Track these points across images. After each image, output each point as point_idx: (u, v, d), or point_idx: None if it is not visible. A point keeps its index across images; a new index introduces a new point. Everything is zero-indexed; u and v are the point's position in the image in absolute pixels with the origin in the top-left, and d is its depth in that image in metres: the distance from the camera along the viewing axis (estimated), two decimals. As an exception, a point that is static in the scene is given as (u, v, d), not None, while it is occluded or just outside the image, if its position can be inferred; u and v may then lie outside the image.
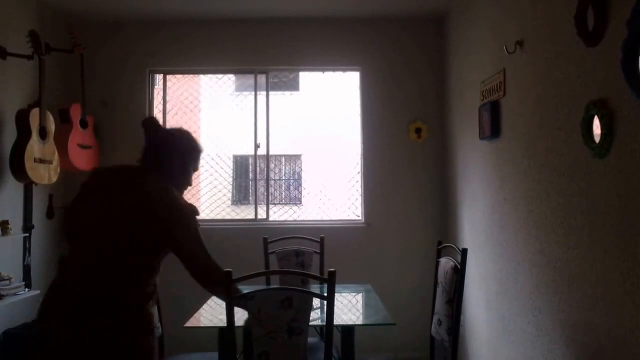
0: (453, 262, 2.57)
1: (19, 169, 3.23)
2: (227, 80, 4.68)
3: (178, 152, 1.97)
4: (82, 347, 1.66)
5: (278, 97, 4.78)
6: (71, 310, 1.68)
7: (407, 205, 4.25)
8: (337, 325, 2.32)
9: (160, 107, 4.43)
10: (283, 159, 6.97)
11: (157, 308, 2.73)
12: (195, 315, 2.58)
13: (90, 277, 1.72)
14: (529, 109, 2.54)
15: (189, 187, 2.06)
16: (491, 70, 3.07)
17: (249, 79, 4.55)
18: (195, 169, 2.05)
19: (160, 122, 1.97)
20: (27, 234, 3.57)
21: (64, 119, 3.77)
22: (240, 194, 6.13)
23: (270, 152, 4.42)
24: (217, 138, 4.99)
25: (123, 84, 4.27)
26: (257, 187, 4.43)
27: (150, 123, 1.99)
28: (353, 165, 4.46)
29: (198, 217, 1.90)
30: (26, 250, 3.57)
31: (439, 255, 2.83)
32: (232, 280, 1.98)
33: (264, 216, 4.38)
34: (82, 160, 3.82)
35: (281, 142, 4.68)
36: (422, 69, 4.31)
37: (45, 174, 3.43)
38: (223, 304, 2.09)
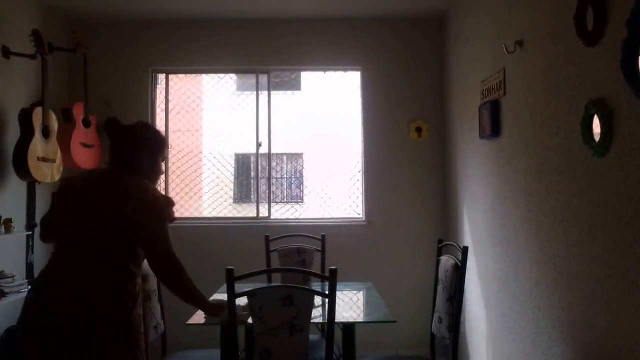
0: (454, 260, 2.59)
1: (22, 168, 3.25)
2: (229, 80, 4.70)
3: (146, 147, 2.04)
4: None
5: (280, 97, 4.77)
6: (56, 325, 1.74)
7: (408, 204, 4.27)
8: (338, 323, 2.33)
9: (163, 106, 4.45)
10: (285, 158, 6.97)
11: (160, 306, 2.77)
12: (198, 312, 2.59)
13: (74, 286, 1.78)
14: (529, 109, 2.55)
15: (162, 176, 2.14)
16: (491, 70, 3.08)
17: (251, 79, 4.56)
18: (164, 158, 2.13)
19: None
20: (30, 232, 3.59)
21: (67, 118, 3.79)
22: (242, 193, 6.12)
23: (272, 151, 4.44)
24: (219, 137, 5.00)
25: (126, 83, 4.29)
26: (259, 185, 4.44)
27: (114, 123, 2.03)
28: (354, 164, 4.47)
29: (175, 208, 1.99)
30: (29, 248, 3.59)
31: (439, 254, 2.85)
32: (233, 278, 2.00)
33: (266, 214, 4.40)
34: (85, 159, 3.84)
35: (283, 141, 4.68)
36: (422, 69, 4.32)
37: (48, 173, 3.45)
38: (225, 301, 2.10)
